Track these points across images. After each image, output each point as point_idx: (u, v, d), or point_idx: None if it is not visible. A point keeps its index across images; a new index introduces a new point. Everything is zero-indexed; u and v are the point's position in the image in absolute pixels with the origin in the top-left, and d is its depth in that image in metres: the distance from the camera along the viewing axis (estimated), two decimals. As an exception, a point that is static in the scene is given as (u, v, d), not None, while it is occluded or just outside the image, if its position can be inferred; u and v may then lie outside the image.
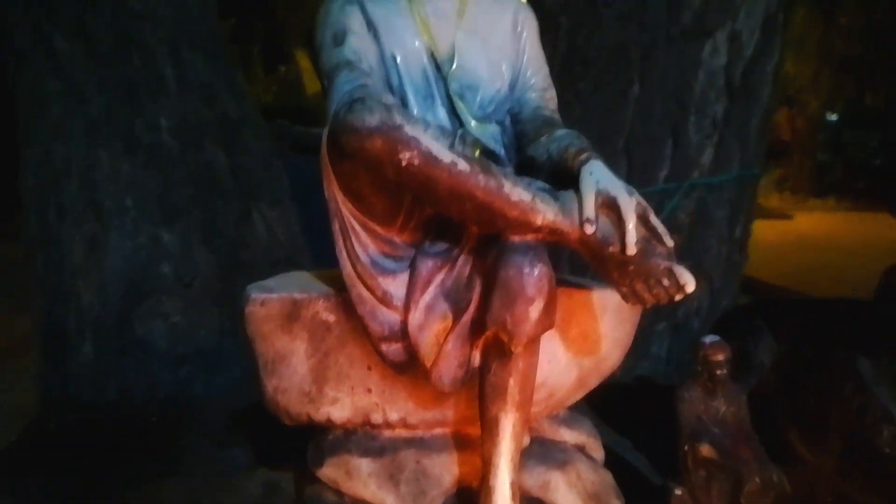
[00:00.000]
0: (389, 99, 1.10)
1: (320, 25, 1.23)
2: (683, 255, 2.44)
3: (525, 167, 1.20)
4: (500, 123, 1.26)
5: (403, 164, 0.95)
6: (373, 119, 0.94)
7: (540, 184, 1.05)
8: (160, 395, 2.29)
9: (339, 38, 1.18)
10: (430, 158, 0.95)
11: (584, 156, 1.08)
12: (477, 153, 1.09)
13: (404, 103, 1.19)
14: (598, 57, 2.49)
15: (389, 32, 1.21)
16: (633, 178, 2.50)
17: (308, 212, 2.84)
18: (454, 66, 1.23)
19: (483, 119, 1.24)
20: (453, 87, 1.22)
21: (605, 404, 1.59)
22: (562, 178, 1.09)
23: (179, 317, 2.31)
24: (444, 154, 0.96)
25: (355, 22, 1.20)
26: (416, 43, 1.22)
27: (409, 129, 0.95)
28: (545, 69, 1.34)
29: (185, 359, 2.33)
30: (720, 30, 2.39)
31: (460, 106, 1.21)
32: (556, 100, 1.35)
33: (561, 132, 1.20)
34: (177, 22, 2.48)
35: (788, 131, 14.33)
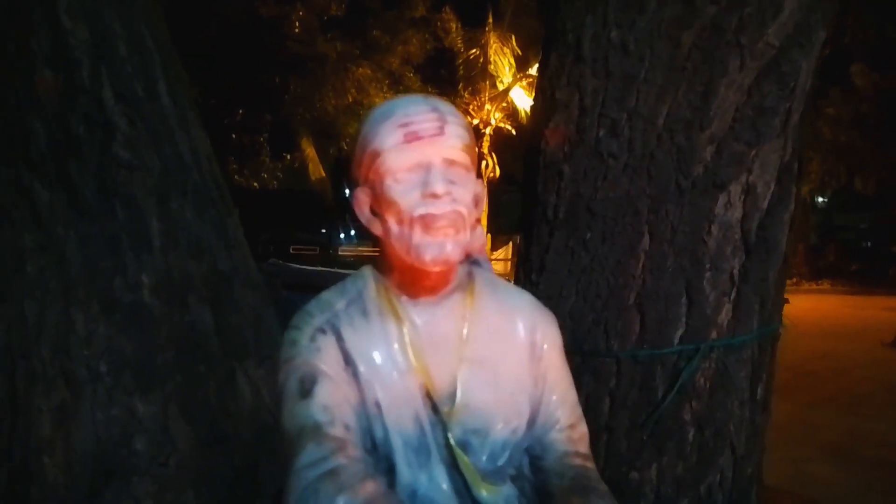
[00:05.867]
0: (368, 489, 0.87)
1: (283, 364, 0.99)
2: (703, 423, 2.29)
3: None
4: (517, 479, 1.00)
5: None
6: None
7: None
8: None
9: (307, 387, 0.94)
10: None
11: None
12: None
13: (390, 463, 0.95)
14: (605, 207, 2.38)
15: (373, 370, 0.96)
16: (647, 337, 2.35)
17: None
18: (456, 405, 0.96)
19: (495, 476, 0.97)
20: (456, 432, 0.96)
21: None
22: None
23: (151, 501, 2.08)
24: None
25: (328, 358, 0.96)
26: (407, 381, 0.96)
27: None
28: (572, 394, 1.07)
29: (157, 548, 2.10)
30: (734, 182, 2.29)
31: (464, 461, 0.95)
32: (587, 437, 1.09)
33: None
34: (167, 172, 2.36)
35: (780, 216, 14.49)
